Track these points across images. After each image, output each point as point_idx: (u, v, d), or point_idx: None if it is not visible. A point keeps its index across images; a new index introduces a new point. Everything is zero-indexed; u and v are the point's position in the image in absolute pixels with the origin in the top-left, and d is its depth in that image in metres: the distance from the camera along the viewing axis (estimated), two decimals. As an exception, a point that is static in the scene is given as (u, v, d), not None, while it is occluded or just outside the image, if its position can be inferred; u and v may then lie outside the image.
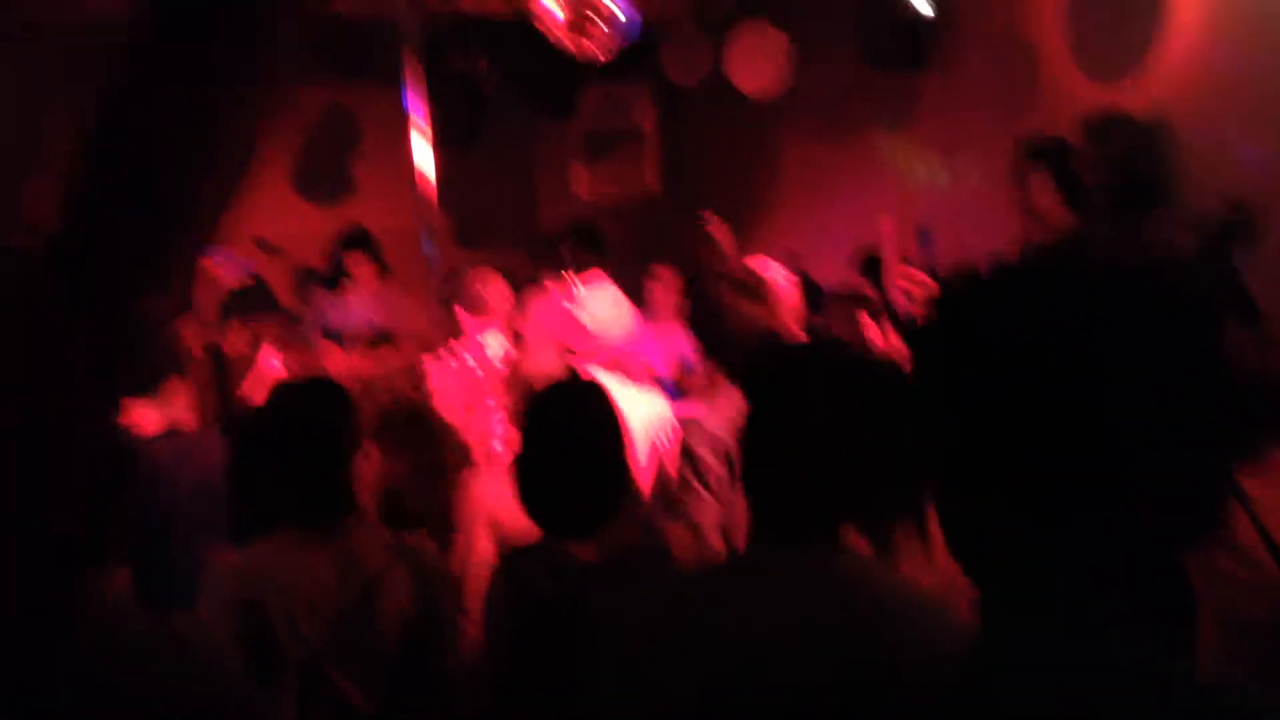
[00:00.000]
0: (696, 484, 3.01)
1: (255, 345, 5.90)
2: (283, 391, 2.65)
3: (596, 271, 4.05)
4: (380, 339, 3.71)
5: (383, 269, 6.44)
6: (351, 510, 2.49)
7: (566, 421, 2.50)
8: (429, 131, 5.76)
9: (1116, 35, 4.87)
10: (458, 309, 4.34)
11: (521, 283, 7.57)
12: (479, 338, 4.24)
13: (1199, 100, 4.52)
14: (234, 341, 5.42)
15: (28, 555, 1.56)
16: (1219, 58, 4.44)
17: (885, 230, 5.44)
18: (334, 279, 6.38)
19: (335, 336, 6.04)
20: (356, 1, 5.76)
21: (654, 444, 3.70)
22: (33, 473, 1.55)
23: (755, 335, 3.17)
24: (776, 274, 3.43)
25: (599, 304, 3.91)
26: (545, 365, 3.74)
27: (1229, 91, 4.41)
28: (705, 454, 3.03)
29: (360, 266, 6.31)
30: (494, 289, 4.30)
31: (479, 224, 8.65)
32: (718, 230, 4.75)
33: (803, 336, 3.34)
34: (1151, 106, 4.66)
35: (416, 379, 3.57)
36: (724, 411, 3.03)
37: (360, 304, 6.20)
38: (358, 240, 6.40)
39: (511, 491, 2.52)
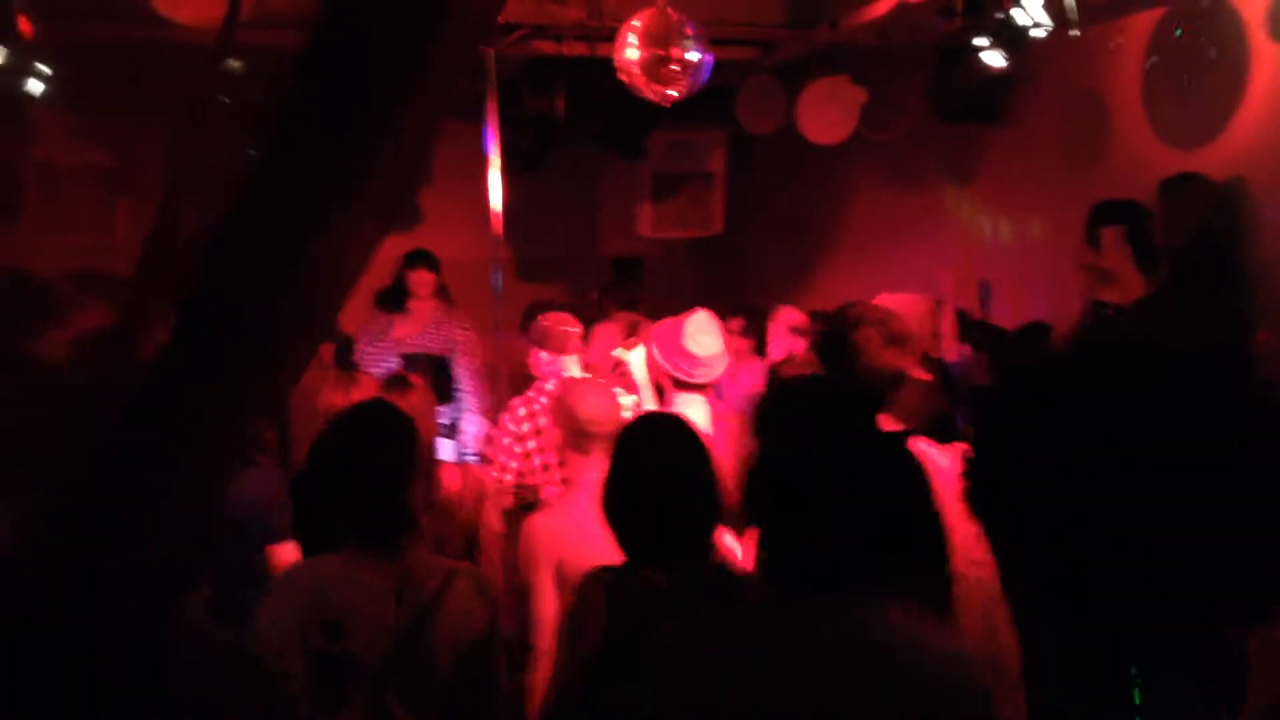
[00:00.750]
0: None
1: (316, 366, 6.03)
2: (354, 413, 2.73)
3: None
4: (400, 382, 3.85)
5: (444, 289, 6.50)
6: (411, 531, 2.55)
7: (658, 450, 2.56)
8: (500, 166, 5.89)
9: (1194, 102, 4.87)
10: (534, 351, 4.46)
11: (581, 315, 7.71)
12: (565, 374, 4.36)
13: (1274, 170, 4.51)
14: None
15: (137, 574, 1.64)
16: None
17: (943, 284, 5.48)
18: (397, 298, 6.45)
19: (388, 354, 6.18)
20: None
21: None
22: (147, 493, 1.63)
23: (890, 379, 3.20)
24: None
25: (709, 335, 4.01)
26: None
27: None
28: None
29: (422, 285, 6.37)
30: (575, 326, 4.45)
31: (542, 258, 8.77)
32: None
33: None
34: (1227, 174, 4.65)
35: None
36: None
37: (419, 321, 6.28)
38: (421, 257, 6.47)
39: (573, 530, 2.59)
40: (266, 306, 1.82)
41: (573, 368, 4.39)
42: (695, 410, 3.98)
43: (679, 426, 2.67)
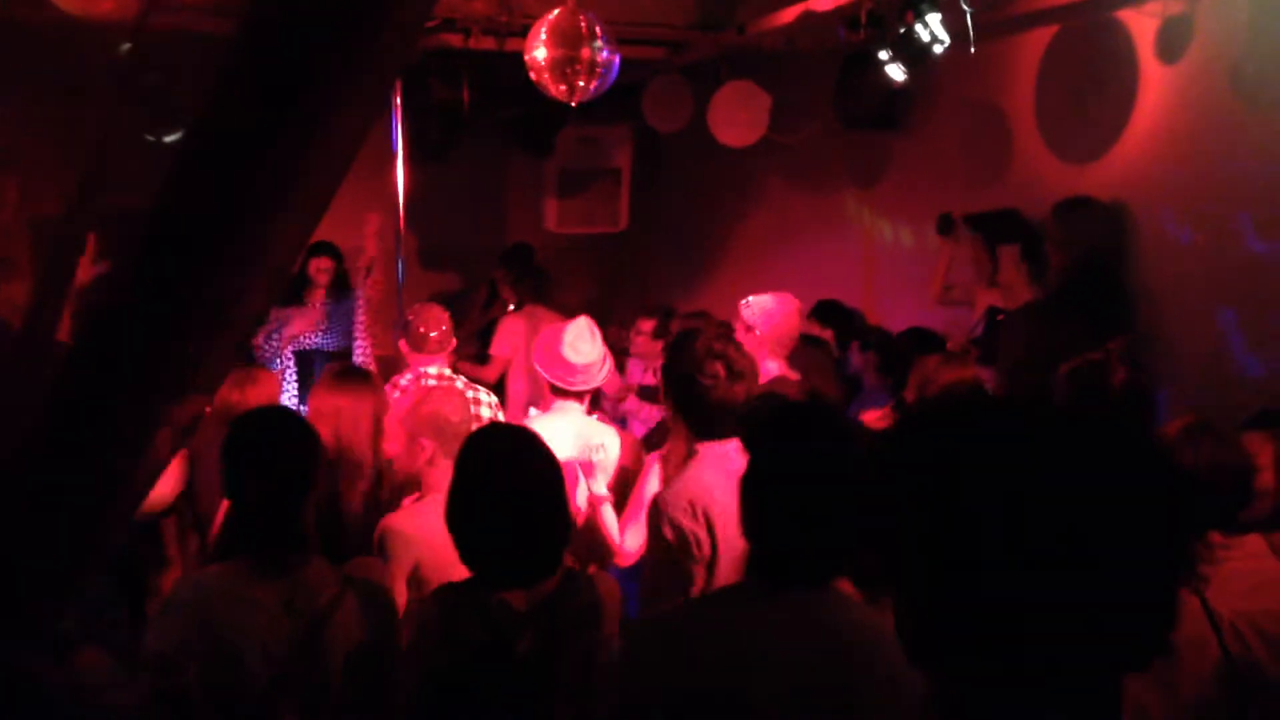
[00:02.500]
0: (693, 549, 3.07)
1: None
2: (248, 420, 2.66)
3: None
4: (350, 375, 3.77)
5: (343, 278, 6.35)
6: (304, 545, 2.51)
7: (504, 468, 2.52)
8: (403, 157, 5.85)
9: (1084, 119, 5.03)
10: (402, 344, 4.47)
11: (481, 306, 7.67)
12: (421, 370, 4.37)
13: (1153, 189, 4.70)
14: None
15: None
16: (1174, 153, 4.62)
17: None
18: (296, 289, 6.31)
19: (298, 355, 6.07)
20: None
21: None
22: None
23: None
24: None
25: (587, 343, 4.02)
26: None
27: (1180, 182, 4.59)
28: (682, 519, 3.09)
29: (322, 274, 6.23)
30: (438, 325, 4.45)
31: (447, 248, 8.71)
32: None
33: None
34: (1114, 190, 4.82)
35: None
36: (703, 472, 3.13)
37: (314, 312, 6.15)
38: (323, 247, 6.32)
39: (432, 534, 2.57)
40: (189, 301, 1.80)
41: (431, 366, 4.40)
42: (572, 418, 4.01)
43: (525, 440, 2.61)
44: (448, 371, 4.44)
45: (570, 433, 3.89)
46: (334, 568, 2.55)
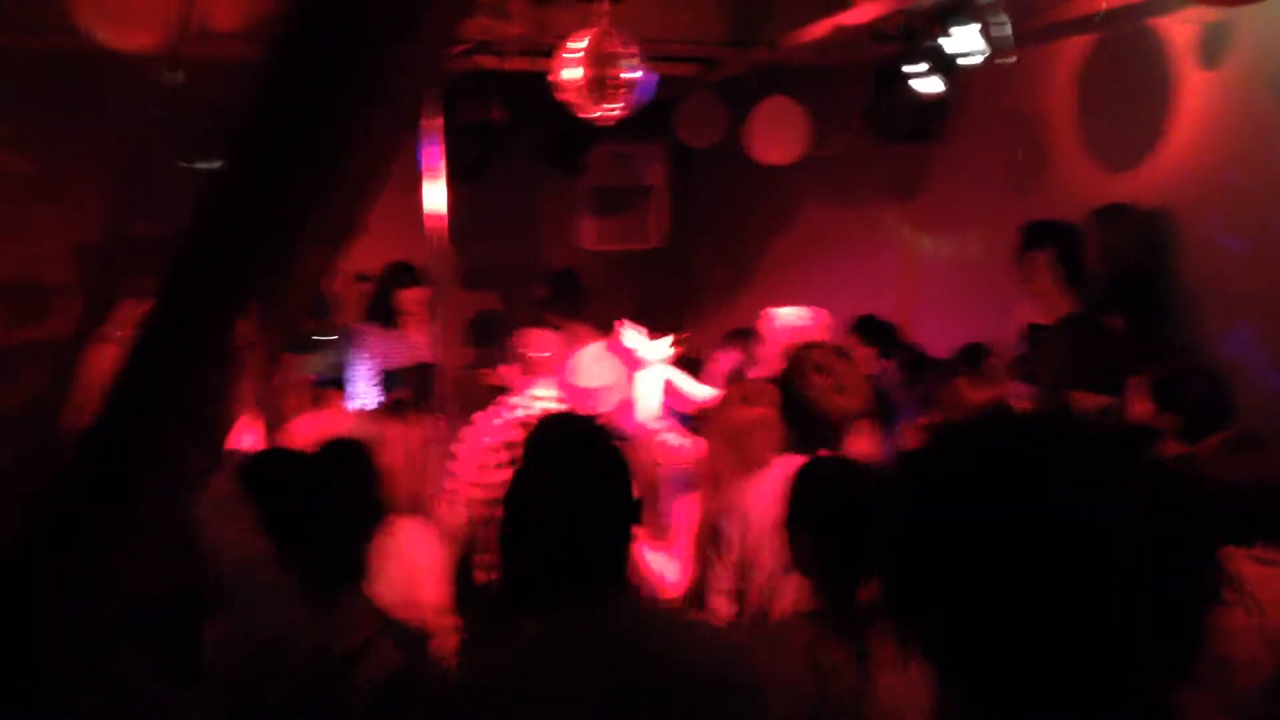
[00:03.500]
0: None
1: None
2: (319, 452, 2.65)
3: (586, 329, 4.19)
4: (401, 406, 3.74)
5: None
6: (359, 578, 2.49)
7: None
8: (442, 176, 5.85)
9: (1125, 127, 4.97)
10: (514, 370, 4.45)
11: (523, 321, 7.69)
12: (530, 392, 4.36)
13: (1196, 196, 4.63)
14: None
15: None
16: (1217, 159, 4.55)
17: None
18: (386, 314, 6.36)
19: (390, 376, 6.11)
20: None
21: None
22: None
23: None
24: None
25: (598, 367, 4.03)
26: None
27: (1224, 187, 4.53)
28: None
29: (419, 304, 6.24)
30: (544, 348, 4.43)
31: (484, 268, 8.74)
32: None
33: None
34: (1156, 197, 4.76)
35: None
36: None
37: (415, 340, 6.23)
38: (410, 272, 6.36)
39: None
40: (227, 323, 1.81)
41: (541, 389, 4.38)
42: None
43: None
44: (557, 394, 4.41)
45: None
46: (377, 611, 2.51)
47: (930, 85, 4.78)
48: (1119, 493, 1.03)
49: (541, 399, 4.33)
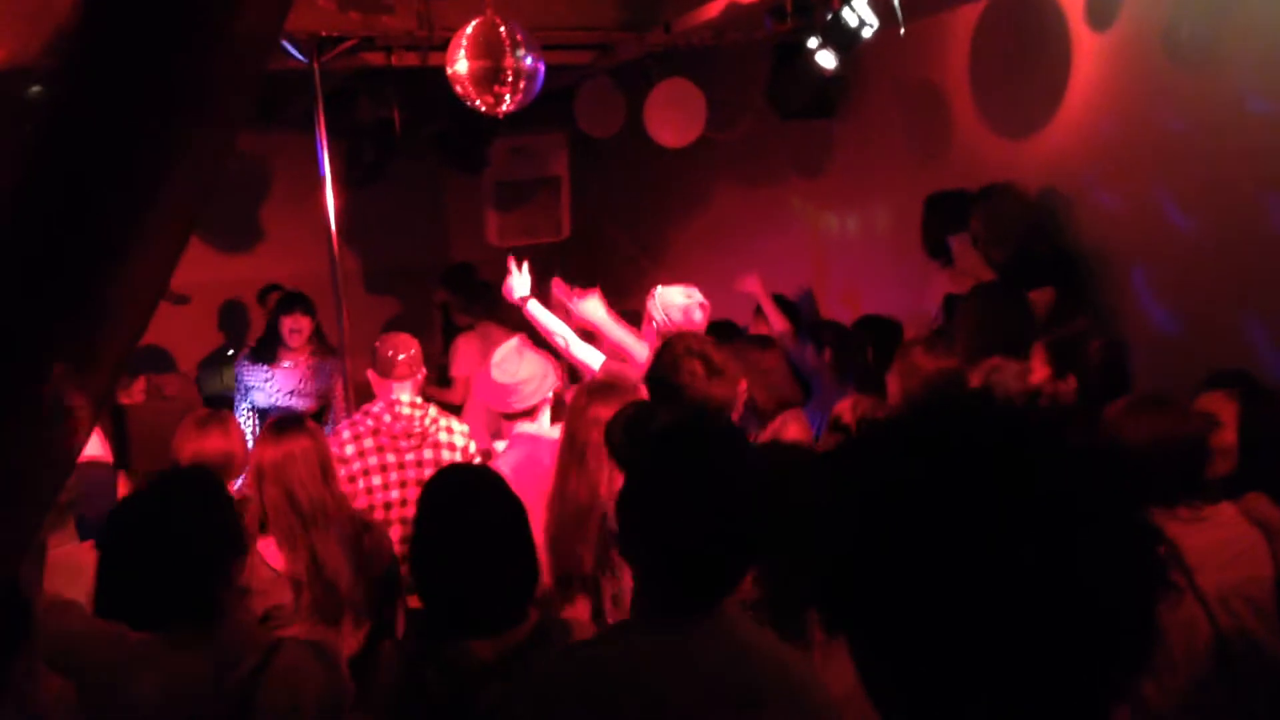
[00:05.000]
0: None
1: (154, 394, 5.75)
2: (159, 485, 2.49)
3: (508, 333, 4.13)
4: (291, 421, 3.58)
5: (318, 333, 6.17)
6: (221, 613, 2.35)
7: (464, 508, 2.41)
8: (336, 179, 5.69)
9: (1020, 92, 4.98)
10: (371, 373, 4.34)
11: (432, 326, 7.55)
12: (392, 397, 4.24)
13: (1093, 157, 4.66)
14: (132, 392, 5.29)
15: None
16: (1112, 119, 4.58)
17: (752, 286, 5.60)
18: (267, 346, 6.11)
19: (262, 412, 5.92)
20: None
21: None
22: None
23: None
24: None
25: (514, 362, 3.95)
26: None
27: (1118, 150, 4.56)
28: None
29: (296, 335, 5.98)
30: (406, 349, 4.31)
31: (391, 269, 8.58)
32: None
33: None
34: (1052, 163, 4.78)
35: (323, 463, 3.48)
36: None
37: (291, 382, 6.01)
38: (295, 301, 6.08)
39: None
40: (43, 341, 1.66)
41: (403, 393, 4.27)
42: (533, 443, 3.92)
43: (488, 480, 2.50)
44: (419, 399, 4.30)
45: (542, 455, 3.79)
46: (261, 629, 2.40)
47: (827, 60, 4.74)
48: (1059, 477, 0.97)
49: (401, 403, 4.22)
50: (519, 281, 4.51)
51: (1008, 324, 4.07)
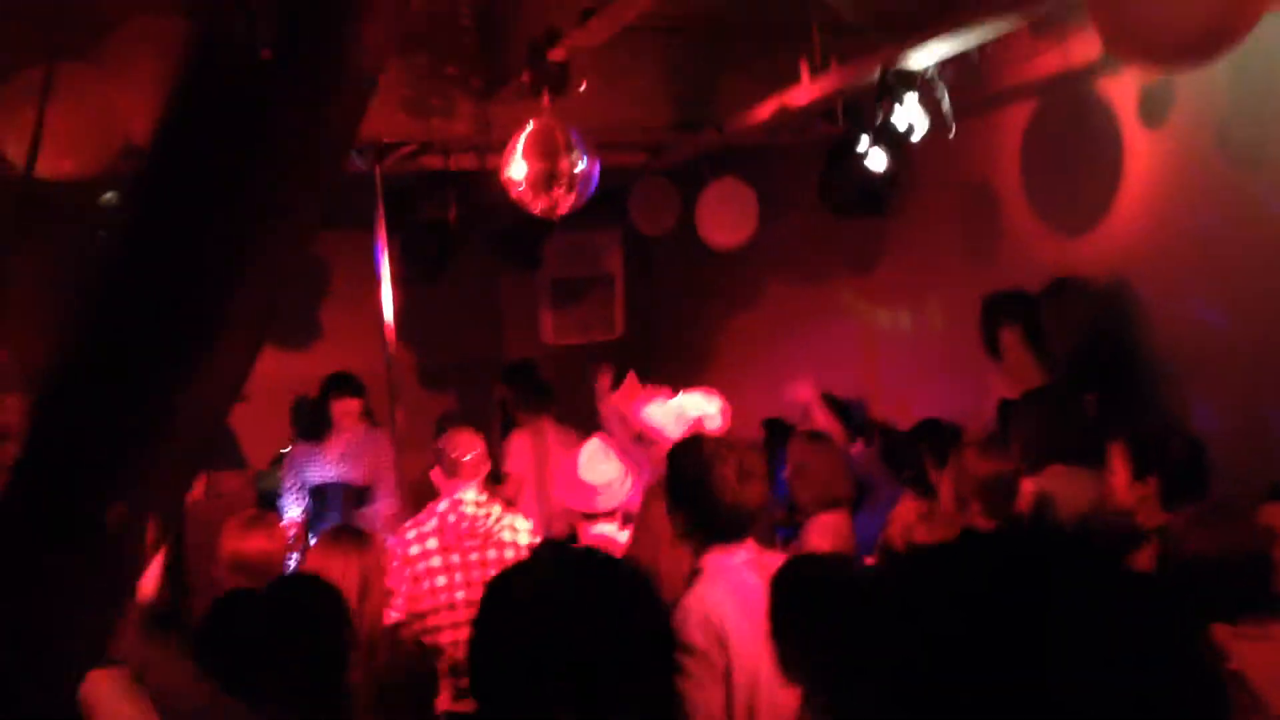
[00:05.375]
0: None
1: (211, 493, 5.83)
2: (275, 595, 2.52)
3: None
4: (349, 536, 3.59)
5: (368, 412, 6.30)
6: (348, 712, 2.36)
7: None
8: (395, 278, 5.80)
9: (1073, 191, 4.98)
10: (436, 473, 4.36)
11: (491, 422, 7.60)
12: (457, 496, 4.26)
13: (1149, 258, 4.62)
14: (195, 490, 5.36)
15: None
16: (1167, 219, 4.55)
17: (803, 393, 5.58)
18: (317, 428, 6.23)
19: (316, 490, 5.98)
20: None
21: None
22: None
23: None
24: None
25: (604, 462, 3.96)
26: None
27: (1174, 250, 4.52)
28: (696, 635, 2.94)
29: (348, 415, 6.14)
30: (471, 449, 4.33)
31: (447, 365, 8.66)
32: None
33: None
34: (1108, 263, 4.74)
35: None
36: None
37: (341, 456, 6.09)
38: (345, 383, 6.23)
39: None
40: (122, 440, 1.69)
41: (468, 491, 4.28)
42: (611, 537, 3.93)
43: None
44: (483, 497, 4.30)
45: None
46: None
47: (878, 161, 4.77)
48: (1113, 622, 0.96)
49: (466, 502, 4.23)
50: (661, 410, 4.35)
51: (1066, 430, 4.02)
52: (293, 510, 6.01)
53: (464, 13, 5.01)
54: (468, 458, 4.28)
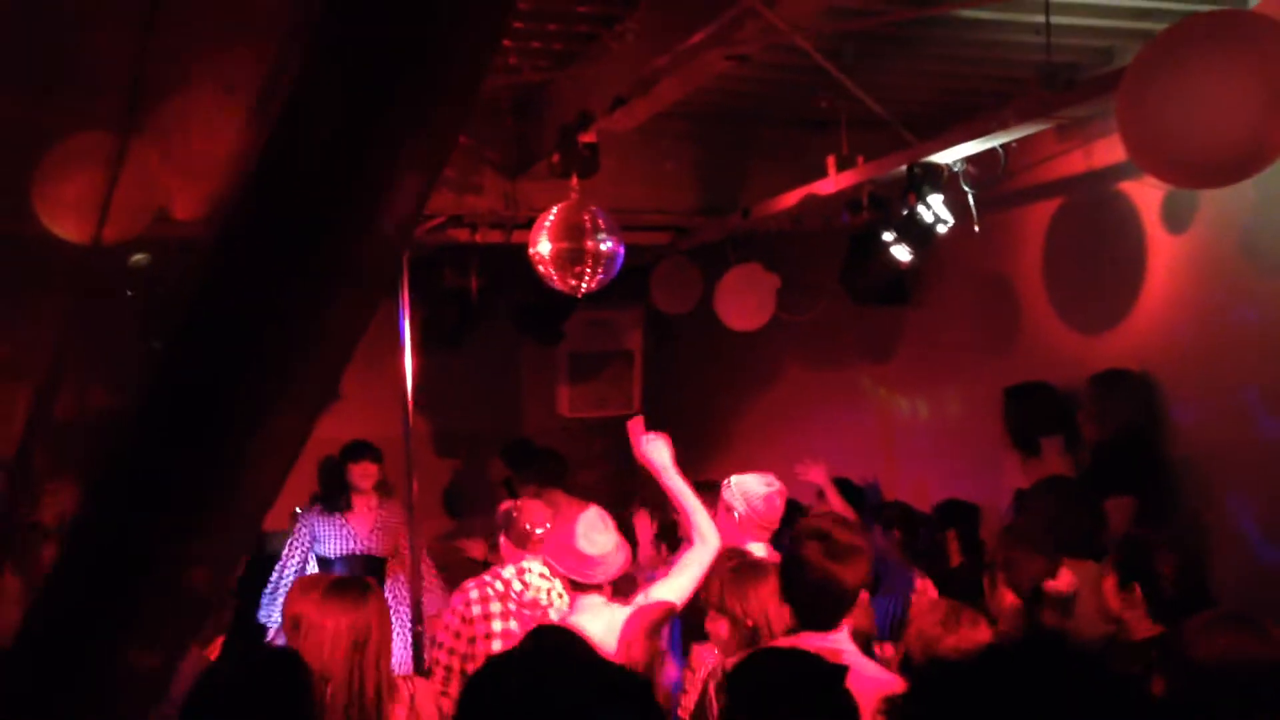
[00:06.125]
0: None
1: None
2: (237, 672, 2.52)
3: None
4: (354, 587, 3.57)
5: (384, 482, 6.28)
6: None
7: None
8: (415, 344, 5.82)
9: (1095, 290, 5.01)
10: (504, 540, 4.35)
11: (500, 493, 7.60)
12: (523, 565, 4.24)
13: (1169, 360, 4.63)
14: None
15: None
16: (1189, 322, 4.57)
17: (817, 476, 5.58)
18: (336, 495, 6.21)
19: (328, 562, 5.96)
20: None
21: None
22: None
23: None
24: None
25: (601, 533, 3.91)
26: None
27: (1196, 353, 4.53)
28: None
29: (365, 480, 6.11)
30: (543, 523, 4.31)
31: (464, 433, 8.67)
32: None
33: None
34: (1127, 363, 4.76)
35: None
36: None
37: (362, 521, 6.08)
38: (362, 451, 6.23)
39: None
40: (185, 512, 1.73)
41: (535, 562, 4.26)
42: (596, 611, 3.88)
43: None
44: (547, 570, 4.26)
45: (600, 625, 3.74)
46: None
47: (902, 254, 4.82)
48: None
49: (531, 572, 4.22)
50: (656, 447, 4.16)
51: (1078, 523, 4.00)
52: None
53: (504, 97, 5.10)
54: (539, 531, 4.25)
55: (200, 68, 2.07)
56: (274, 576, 5.99)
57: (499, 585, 4.21)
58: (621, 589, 4.96)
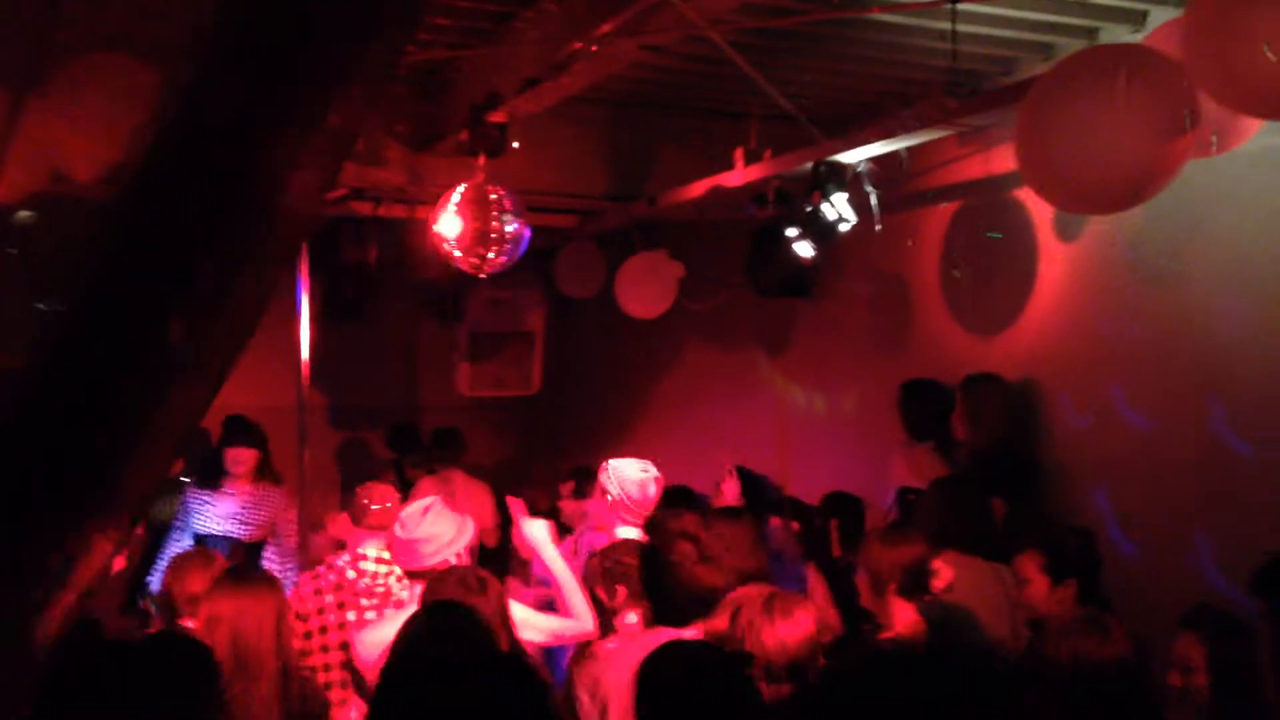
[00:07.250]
0: None
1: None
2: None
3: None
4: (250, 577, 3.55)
5: (266, 465, 6.05)
6: None
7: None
8: (313, 315, 5.74)
9: (988, 293, 5.14)
10: (344, 518, 4.29)
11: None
12: (360, 549, 4.18)
13: (1055, 364, 4.78)
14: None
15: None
16: (1076, 324, 4.72)
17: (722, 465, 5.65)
18: (211, 473, 5.97)
19: (200, 539, 5.81)
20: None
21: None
22: None
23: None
24: None
25: (417, 519, 3.87)
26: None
27: (1080, 356, 4.68)
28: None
29: (238, 466, 5.87)
30: (383, 502, 4.26)
31: (360, 407, 8.56)
32: None
33: None
34: (1017, 364, 4.90)
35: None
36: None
37: (231, 514, 5.91)
38: (243, 432, 5.99)
39: None
40: (75, 480, 1.70)
41: (370, 547, 4.20)
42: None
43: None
44: (386, 554, 4.20)
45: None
46: None
47: (805, 249, 4.89)
48: None
49: (367, 559, 4.17)
50: (536, 528, 4.07)
51: (966, 523, 4.11)
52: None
53: (414, 72, 5.02)
54: (376, 506, 4.20)
55: (109, 31, 2.04)
56: (165, 549, 5.84)
57: (331, 576, 4.16)
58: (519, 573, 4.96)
